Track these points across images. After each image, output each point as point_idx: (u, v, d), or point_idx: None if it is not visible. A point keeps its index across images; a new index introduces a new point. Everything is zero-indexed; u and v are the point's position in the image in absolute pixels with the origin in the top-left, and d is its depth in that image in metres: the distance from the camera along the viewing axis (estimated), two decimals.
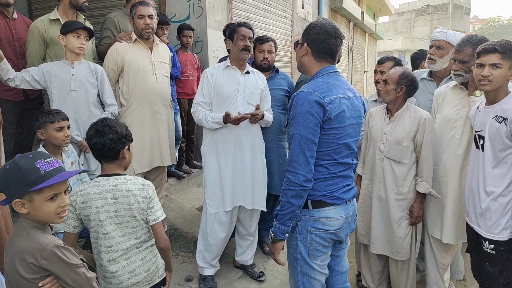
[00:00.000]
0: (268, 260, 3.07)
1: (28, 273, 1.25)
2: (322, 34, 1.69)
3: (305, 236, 1.71)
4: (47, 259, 1.26)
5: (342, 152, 1.69)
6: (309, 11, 7.56)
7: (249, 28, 2.58)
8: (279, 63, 5.58)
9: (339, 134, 1.66)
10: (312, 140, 1.60)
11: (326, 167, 1.67)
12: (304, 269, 1.75)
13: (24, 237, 1.29)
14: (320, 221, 1.69)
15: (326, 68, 1.73)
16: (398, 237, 2.41)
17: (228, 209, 2.58)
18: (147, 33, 2.77)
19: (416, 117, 2.34)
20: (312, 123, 1.58)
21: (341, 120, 1.64)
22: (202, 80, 2.62)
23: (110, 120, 1.73)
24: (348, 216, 1.76)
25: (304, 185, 1.60)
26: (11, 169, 1.26)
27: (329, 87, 1.65)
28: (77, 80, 2.56)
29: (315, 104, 1.58)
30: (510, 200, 1.89)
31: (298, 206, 1.64)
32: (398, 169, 2.38)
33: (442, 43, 2.60)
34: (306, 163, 1.60)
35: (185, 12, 4.13)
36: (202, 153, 2.66)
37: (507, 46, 1.86)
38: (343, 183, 1.74)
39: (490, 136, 1.92)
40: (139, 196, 1.66)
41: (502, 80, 1.88)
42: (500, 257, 1.92)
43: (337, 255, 1.87)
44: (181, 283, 2.75)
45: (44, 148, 2.25)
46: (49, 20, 2.83)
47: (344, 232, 1.78)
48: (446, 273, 2.55)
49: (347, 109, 1.66)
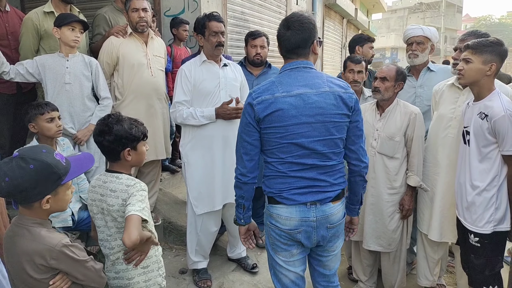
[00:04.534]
0: (261, 253, 3.11)
1: (37, 274, 1.26)
2: (280, 29, 1.65)
3: (267, 229, 1.77)
4: (57, 259, 1.27)
5: (291, 151, 1.61)
6: (303, 7, 7.58)
7: (220, 21, 2.48)
8: (273, 58, 5.59)
9: (280, 134, 1.60)
10: (243, 139, 1.67)
11: (273, 165, 1.67)
12: (271, 260, 1.80)
13: (28, 238, 1.27)
14: (273, 217, 1.70)
15: (285, 66, 1.68)
16: (390, 230, 2.46)
17: (218, 208, 2.55)
18: (141, 27, 2.77)
19: (407, 112, 2.38)
20: (243, 122, 1.66)
21: (280, 119, 1.58)
22: (180, 78, 2.51)
23: (113, 118, 1.64)
24: (309, 220, 1.64)
25: (239, 178, 1.71)
26: (38, 167, 1.23)
27: (269, 87, 1.62)
28: (71, 73, 2.55)
29: (247, 105, 1.64)
30: (493, 195, 1.94)
31: (239, 196, 1.75)
32: (391, 164, 2.42)
33: (421, 38, 2.75)
34: (241, 159, 1.70)
35: (179, 6, 4.12)
36: (183, 153, 2.57)
37: (480, 42, 1.93)
38: (298, 184, 1.63)
39: (475, 132, 1.98)
40: (120, 198, 1.57)
41: (474, 75, 1.94)
42: (485, 249, 1.98)
43: (318, 259, 1.80)
44: (176, 276, 2.78)
45: (37, 141, 2.25)
46: (43, 12, 2.81)
47: (302, 235, 1.66)
48: (436, 266, 2.60)
49: (291, 108, 1.57)
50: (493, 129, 1.89)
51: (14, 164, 1.23)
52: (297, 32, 1.59)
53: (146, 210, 1.54)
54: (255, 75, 3.00)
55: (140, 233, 1.43)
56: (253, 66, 3.01)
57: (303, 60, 1.65)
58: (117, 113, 1.70)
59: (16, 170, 1.22)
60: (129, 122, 1.64)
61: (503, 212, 1.95)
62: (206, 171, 2.53)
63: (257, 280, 2.78)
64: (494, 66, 1.91)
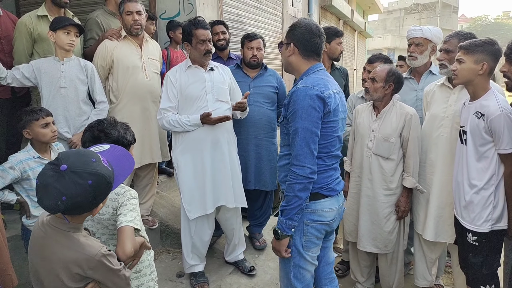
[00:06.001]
0: (259, 255, 3.10)
1: (72, 282, 1.22)
2: (308, 33, 1.75)
3: (300, 229, 1.75)
4: (94, 269, 1.23)
5: (336, 144, 1.78)
6: (299, 9, 7.59)
7: (206, 28, 2.48)
8: (269, 60, 5.60)
9: (335, 127, 1.74)
10: (315, 133, 1.66)
11: (323, 159, 1.74)
12: (297, 260, 1.79)
13: (66, 245, 1.21)
14: (316, 213, 1.75)
15: (316, 66, 1.80)
16: (386, 231, 2.45)
17: (210, 211, 2.54)
18: (136, 30, 2.76)
19: (403, 113, 2.38)
20: (315, 117, 1.65)
21: (336, 113, 1.74)
22: (165, 84, 2.52)
23: (108, 124, 1.59)
24: (340, 207, 1.85)
25: (311, 177, 1.65)
26: (95, 182, 1.15)
27: (324, 83, 1.71)
28: (66, 77, 2.54)
29: (316, 98, 1.64)
30: (491, 194, 1.95)
31: (305, 199, 1.68)
32: (387, 165, 2.42)
33: (420, 40, 2.70)
34: (311, 156, 1.65)
35: (175, 9, 4.12)
36: (174, 157, 2.57)
37: (472, 42, 1.96)
38: (335, 175, 1.82)
39: (471, 131, 1.98)
40: (111, 207, 1.54)
41: (466, 74, 1.97)
42: (482, 248, 1.98)
43: (325, 246, 1.93)
44: (173, 279, 2.77)
45: (31, 146, 2.23)
46: (37, 16, 2.80)
47: (336, 223, 1.86)
48: (433, 266, 2.60)
49: (340, 104, 1.77)
50: (490, 128, 1.90)
51: (68, 180, 1.12)
52: (322, 39, 1.79)
53: (137, 219, 1.50)
54: (252, 77, 2.99)
55: (133, 245, 1.40)
56: (250, 68, 3.00)
57: (321, 63, 1.85)
58: (111, 118, 1.67)
59: (73, 188, 1.12)
60: (122, 127, 1.62)
61: (500, 211, 1.95)
62: (197, 175, 2.52)
63: (255, 283, 2.77)
64: (486, 66, 1.92)
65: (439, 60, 2.39)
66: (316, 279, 1.95)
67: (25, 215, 2.13)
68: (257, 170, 2.97)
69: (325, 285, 1.97)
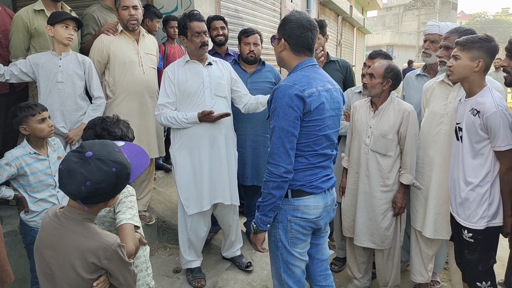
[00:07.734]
0: (256, 251, 3.10)
1: (86, 273, 1.22)
2: (298, 28, 1.71)
3: (285, 225, 1.76)
4: (109, 259, 1.23)
5: (322, 143, 1.74)
6: (297, 4, 7.56)
7: (201, 20, 2.46)
8: (267, 56, 5.58)
9: (319, 126, 1.70)
10: (292, 133, 1.64)
11: (306, 158, 1.72)
12: (285, 256, 1.80)
13: (83, 234, 1.22)
14: (300, 210, 1.74)
15: (305, 61, 1.76)
16: (383, 228, 2.46)
17: (206, 208, 2.54)
18: (132, 25, 2.75)
19: (400, 110, 2.38)
20: (292, 116, 1.62)
21: (321, 112, 1.69)
22: (163, 80, 2.51)
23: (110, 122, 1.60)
24: (327, 205, 1.82)
25: (285, 176, 1.65)
26: (118, 170, 1.19)
27: (308, 80, 1.68)
28: (64, 71, 2.52)
29: (295, 98, 1.62)
30: (487, 191, 1.95)
31: (279, 197, 1.68)
32: (384, 162, 2.42)
33: (435, 36, 2.64)
34: (287, 155, 1.64)
35: (172, 4, 4.10)
36: (172, 154, 2.56)
37: (468, 39, 1.94)
38: (322, 173, 1.79)
39: (467, 128, 1.98)
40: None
41: (462, 71, 1.96)
42: (478, 245, 1.99)
43: (317, 243, 1.93)
44: (169, 275, 2.77)
45: (28, 141, 2.22)
46: (34, 10, 2.77)
47: (323, 221, 1.84)
48: (430, 263, 2.61)
49: (326, 101, 1.71)
50: (485, 125, 1.90)
51: (94, 166, 1.15)
52: (314, 33, 1.74)
53: (136, 216, 1.52)
54: (249, 72, 2.98)
55: (135, 243, 1.41)
56: (247, 64, 2.99)
57: (313, 58, 1.80)
58: (114, 116, 1.68)
59: (98, 174, 1.15)
60: (124, 125, 1.63)
61: (496, 208, 1.96)
62: (194, 171, 2.51)
63: (251, 279, 2.77)
64: (482, 62, 1.91)
65: (439, 57, 2.37)
66: (310, 275, 1.96)
67: (23, 211, 2.13)
68: (254, 166, 2.97)
69: (320, 281, 1.97)
